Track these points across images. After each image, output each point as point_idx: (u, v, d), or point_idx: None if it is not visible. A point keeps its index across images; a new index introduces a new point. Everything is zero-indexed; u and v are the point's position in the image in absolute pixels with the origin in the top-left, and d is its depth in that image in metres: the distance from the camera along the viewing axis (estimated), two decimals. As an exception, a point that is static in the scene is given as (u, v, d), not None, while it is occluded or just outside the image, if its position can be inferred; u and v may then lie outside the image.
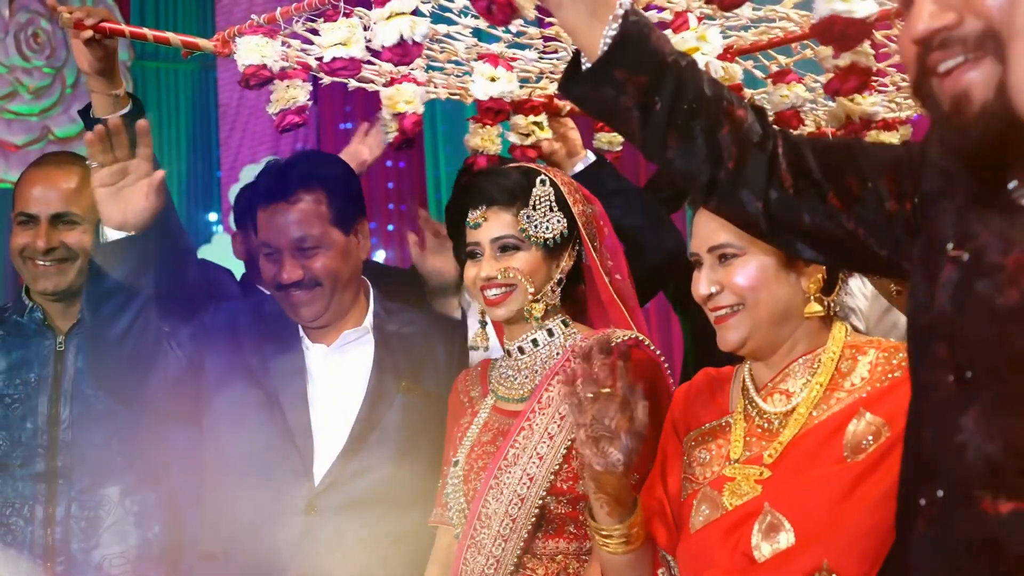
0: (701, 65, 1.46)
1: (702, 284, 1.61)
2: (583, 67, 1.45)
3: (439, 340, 2.26)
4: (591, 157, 2.53)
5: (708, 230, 1.60)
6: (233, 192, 6.47)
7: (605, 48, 1.39)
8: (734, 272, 1.58)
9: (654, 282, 2.34)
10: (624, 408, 1.54)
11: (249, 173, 6.38)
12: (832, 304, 1.61)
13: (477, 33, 2.11)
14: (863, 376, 1.54)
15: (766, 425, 1.58)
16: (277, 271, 2.14)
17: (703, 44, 1.88)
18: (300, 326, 2.21)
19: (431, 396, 2.18)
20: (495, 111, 2.08)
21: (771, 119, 1.54)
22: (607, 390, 1.55)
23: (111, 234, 2.02)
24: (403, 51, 1.92)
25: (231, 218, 6.43)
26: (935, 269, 1.18)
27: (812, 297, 1.58)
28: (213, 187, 6.69)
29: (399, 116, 2.17)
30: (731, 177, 1.37)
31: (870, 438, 1.48)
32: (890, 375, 1.52)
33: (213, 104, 6.60)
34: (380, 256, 6.54)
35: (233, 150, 6.54)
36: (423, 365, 2.21)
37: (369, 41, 1.98)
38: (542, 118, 2.33)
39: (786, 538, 1.47)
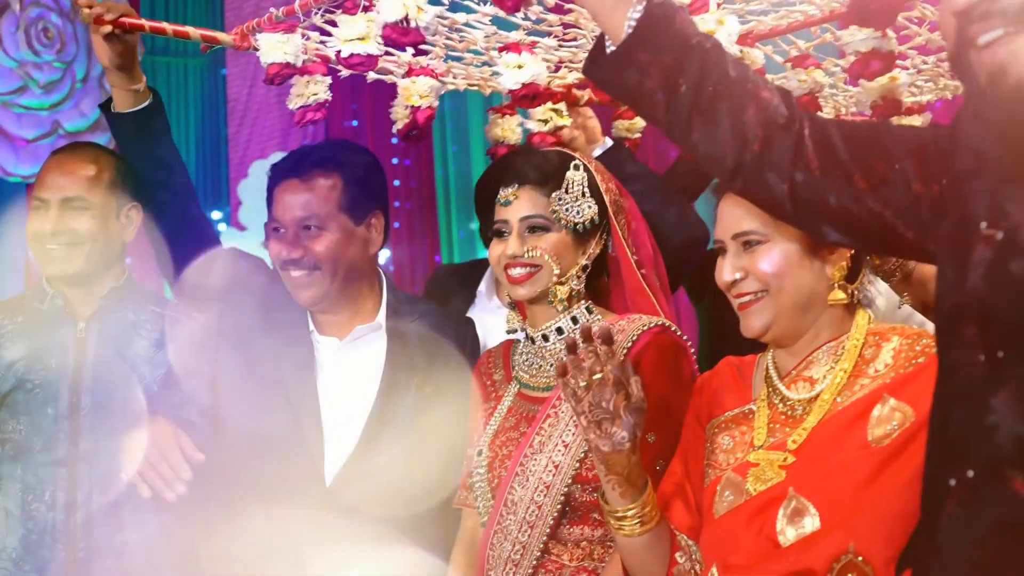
0: None
1: (726, 271, 1.62)
2: (607, 50, 1.45)
3: (451, 334, 2.25)
4: (609, 142, 2.53)
5: (732, 217, 1.61)
6: (242, 188, 6.49)
7: (630, 30, 1.40)
8: (758, 259, 1.59)
9: (677, 269, 2.33)
10: (618, 387, 1.57)
11: (258, 169, 6.40)
12: (856, 292, 1.62)
13: (495, 21, 2.10)
14: (887, 362, 1.55)
15: (790, 412, 1.59)
16: (280, 248, 2.13)
17: (720, 28, 1.87)
18: (310, 319, 2.20)
19: (443, 392, 2.16)
20: (531, 96, 2.07)
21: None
22: (598, 376, 1.57)
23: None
24: (403, 32, 1.90)
25: (239, 213, 6.46)
26: (966, 249, 1.19)
27: (836, 284, 1.59)
28: (221, 183, 6.69)
29: (413, 109, 2.16)
30: (757, 159, 1.38)
31: (894, 423, 1.49)
32: (914, 361, 1.53)
33: (222, 100, 6.60)
34: (385, 254, 6.53)
35: (242, 146, 6.54)
36: (435, 360, 2.19)
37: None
38: (560, 105, 2.33)
39: (811, 523, 1.48)
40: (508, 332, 2.05)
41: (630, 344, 1.86)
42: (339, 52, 2.00)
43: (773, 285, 1.58)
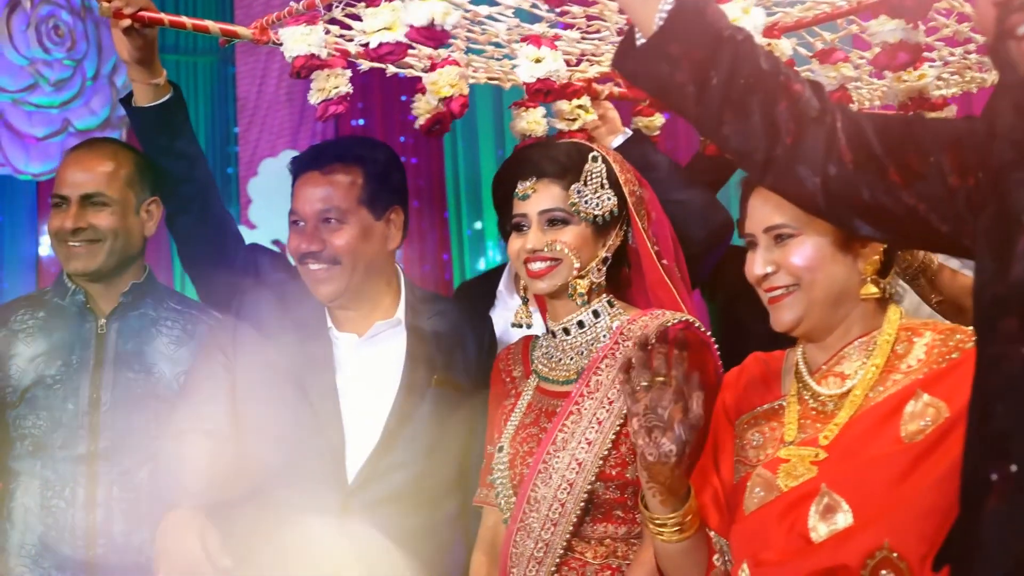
0: None
1: (757, 264, 1.61)
2: (637, 43, 1.43)
3: (469, 331, 2.24)
4: (629, 131, 2.51)
5: (764, 211, 1.60)
6: (251, 186, 6.47)
7: (661, 22, 1.39)
8: (790, 252, 1.58)
9: (702, 259, 2.31)
10: (678, 398, 1.55)
11: (268, 167, 6.39)
12: (887, 287, 1.60)
13: (518, 13, 2.09)
14: (919, 358, 1.54)
15: (820, 407, 1.58)
16: (299, 241, 2.11)
17: (745, 17, 1.85)
18: (328, 316, 2.18)
19: (462, 388, 2.16)
20: (545, 92, 2.06)
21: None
22: (661, 379, 1.55)
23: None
24: (430, 35, 1.90)
25: (249, 211, 6.45)
26: (1008, 241, 1.17)
27: (868, 279, 1.58)
28: (231, 181, 6.67)
29: (445, 100, 2.14)
30: (788, 153, 1.36)
31: (928, 419, 1.47)
32: (948, 356, 1.51)
33: (231, 97, 6.59)
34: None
35: (251, 144, 6.52)
36: (454, 357, 2.18)
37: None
38: (586, 101, 2.31)
39: (844, 519, 1.47)
40: (513, 326, 2.04)
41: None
42: (366, 44, 1.98)
43: (805, 279, 1.57)
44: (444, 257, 6.48)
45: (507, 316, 2.36)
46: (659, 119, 2.61)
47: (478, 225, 6.38)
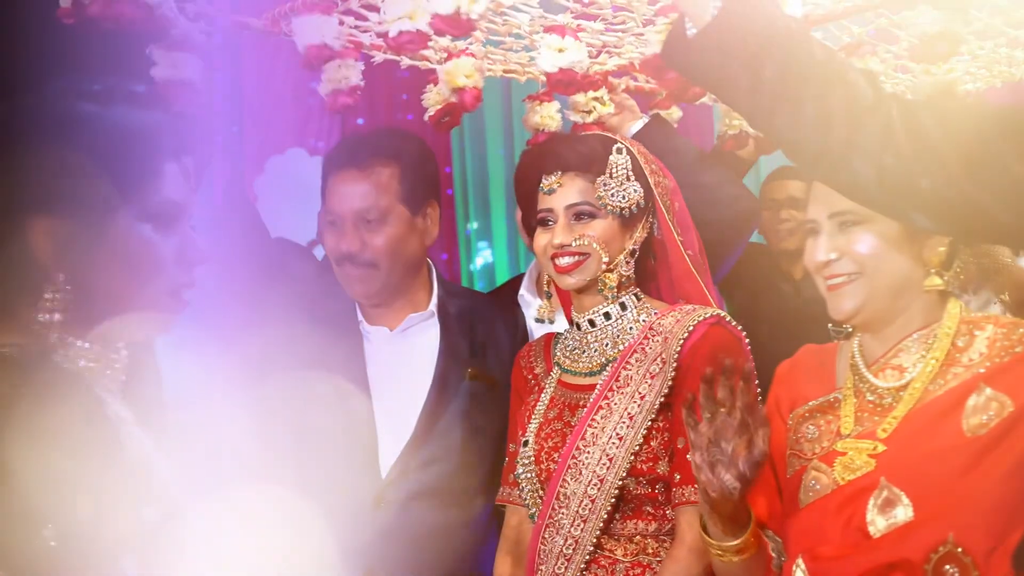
0: None
1: (820, 250, 1.58)
2: (687, 33, 1.38)
3: (501, 323, 2.21)
4: (647, 117, 2.47)
5: (830, 197, 1.57)
6: (258, 184, 6.42)
7: (715, 11, 1.34)
8: (855, 239, 1.55)
9: (729, 245, 2.27)
10: (742, 432, 1.51)
11: (274, 165, 6.33)
12: (951, 279, 1.58)
13: (543, 3, 2.04)
14: (981, 352, 1.51)
15: (878, 400, 1.56)
16: (337, 242, 2.07)
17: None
18: (357, 309, 2.15)
19: (496, 381, 2.13)
20: (566, 83, 2.01)
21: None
22: (724, 411, 1.52)
23: None
24: (454, 24, 1.85)
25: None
26: None
27: (932, 271, 1.55)
28: (237, 178, 6.63)
29: (459, 91, 2.09)
30: (843, 144, 1.32)
31: (991, 413, 1.45)
32: (1012, 350, 1.49)
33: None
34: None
35: (258, 141, 6.47)
36: (487, 349, 2.16)
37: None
38: (602, 93, 2.27)
39: (903, 513, 1.45)
40: (536, 321, 2.02)
41: (686, 335, 1.82)
42: (383, 34, 1.94)
43: (869, 267, 1.55)
44: (442, 256, 6.43)
45: (532, 326, 2.33)
46: (676, 112, 2.57)
47: (475, 225, 6.34)
